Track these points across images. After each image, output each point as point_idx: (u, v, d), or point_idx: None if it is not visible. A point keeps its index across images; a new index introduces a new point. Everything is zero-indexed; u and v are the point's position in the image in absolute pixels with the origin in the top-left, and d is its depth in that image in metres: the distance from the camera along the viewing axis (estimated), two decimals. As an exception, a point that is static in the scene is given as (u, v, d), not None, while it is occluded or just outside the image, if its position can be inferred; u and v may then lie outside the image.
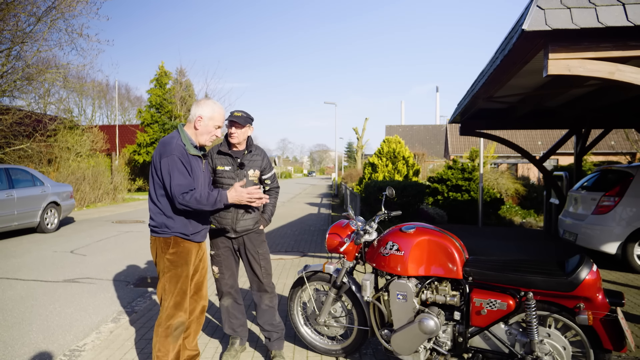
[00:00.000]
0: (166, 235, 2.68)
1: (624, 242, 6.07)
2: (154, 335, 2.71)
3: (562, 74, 3.27)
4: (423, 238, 2.76)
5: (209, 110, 2.74)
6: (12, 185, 9.08)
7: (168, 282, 2.68)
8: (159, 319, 2.71)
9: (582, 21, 3.04)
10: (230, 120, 3.05)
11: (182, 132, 2.74)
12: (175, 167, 2.58)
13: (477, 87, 5.57)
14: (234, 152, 3.14)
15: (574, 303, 2.47)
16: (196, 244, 2.79)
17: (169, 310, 2.67)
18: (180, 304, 2.70)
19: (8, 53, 13.86)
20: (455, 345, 2.77)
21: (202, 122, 2.73)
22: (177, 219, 2.67)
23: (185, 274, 2.71)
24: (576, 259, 2.58)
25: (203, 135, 2.75)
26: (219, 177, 3.11)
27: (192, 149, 2.71)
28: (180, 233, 2.69)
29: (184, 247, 2.71)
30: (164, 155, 2.61)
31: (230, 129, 3.08)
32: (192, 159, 2.70)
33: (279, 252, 7.58)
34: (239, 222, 3.09)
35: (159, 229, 2.69)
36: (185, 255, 2.71)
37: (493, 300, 2.60)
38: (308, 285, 3.28)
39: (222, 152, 3.14)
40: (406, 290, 2.75)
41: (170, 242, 2.68)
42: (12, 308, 4.69)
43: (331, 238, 3.12)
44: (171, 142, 2.66)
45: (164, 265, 2.69)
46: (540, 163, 9.01)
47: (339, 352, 3.28)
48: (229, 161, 3.13)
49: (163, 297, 2.71)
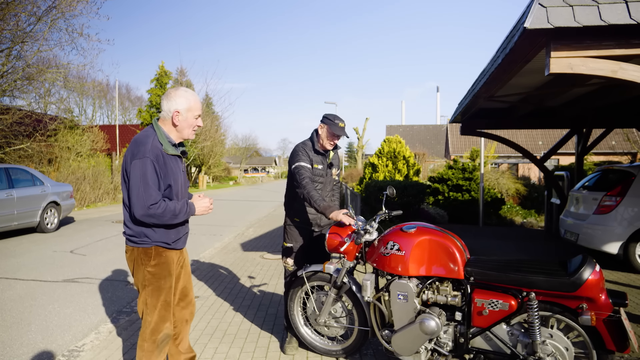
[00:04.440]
0: (146, 246, 2.44)
1: (625, 242, 6.04)
2: (139, 350, 2.50)
3: (564, 72, 3.24)
4: (424, 238, 2.74)
5: (184, 102, 2.46)
6: (12, 185, 9.07)
7: (150, 296, 2.47)
8: (142, 334, 2.50)
9: (584, 19, 3.02)
10: (338, 135, 3.34)
11: (159, 130, 2.47)
12: (147, 173, 2.32)
13: (478, 86, 5.55)
14: (325, 152, 3.49)
15: (576, 303, 2.44)
16: (177, 251, 2.59)
17: (153, 325, 2.48)
18: (165, 317, 2.51)
19: (8, 53, 13.86)
20: (456, 345, 2.74)
21: (180, 117, 2.46)
22: (157, 227, 2.43)
23: (168, 286, 2.50)
24: (579, 259, 2.56)
25: (184, 130, 2.51)
26: (313, 175, 3.38)
27: (171, 149, 2.46)
28: (162, 242, 2.46)
29: (166, 258, 2.49)
30: (136, 157, 2.34)
31: (334, 139, 3.39)
32: (171, 159, 2.47)
33: (279, 252, 7.55)
34: (322, 217, 3.45)
35: (137, 239, 2.44)
36: (168, 266, 2.50)
37: (495, 300, 2.57)
38: (308, 285, 3.26)
39: (317, 152, 3.44)
40: (407, 290, 2.73)
41: (151, 253, 2.45)
42: (11, 308, 4.67)
43: (331, 238, 3.09)
44: (146, 142, 2.39)
45: (144, 278, 2.47)
46: (542, 163, 8.98)
47: (339, 353, 3.25)
48: (321, 160, 3.46)
49: (145, 312, 2.49)
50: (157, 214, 2.34)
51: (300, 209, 3.49)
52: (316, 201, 3.07)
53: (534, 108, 7.90)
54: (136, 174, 2.32)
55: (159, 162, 2.38)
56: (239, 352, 3.47)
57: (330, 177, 3.58)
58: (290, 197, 3.56)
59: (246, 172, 62.22)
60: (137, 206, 2.32)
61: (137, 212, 2.33)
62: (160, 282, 2.48)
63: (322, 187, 3.48)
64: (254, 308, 4.53)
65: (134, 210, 2.34)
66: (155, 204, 2.34)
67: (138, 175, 2.32)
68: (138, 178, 2.32)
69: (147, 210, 2.32)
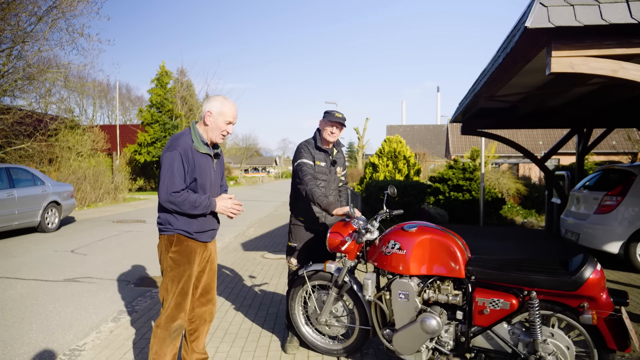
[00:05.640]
0: (169, 233, 2.64)
1: (626, 242, 6.04)
2: (152, 337, 2.66)
3: (565, 71, 3.24)
4: (425, 237, 2.74)
5: (217, 105, 2.67)
6: (12, 185, 9.07)
7: (170, 282, 2.63)
8: (158, 320, 2.66)
9: (585, 18, 3.02)
10: (335, 121, 3.28)
11: (194, 129, 2.70)
12: (174, 163, 2.54)
13: (478, 86, 5.55)
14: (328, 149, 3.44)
15: (577, 302, 2.44)
16: (201, 244, 2.72)
17: (169, 311, 2.62)
18: (181, 305, 2.64)
19: (9, 53, 13.87)
20: (457, 344, 2.74)
21: (211, 118, 2.67)
22: (180, 216, 2.62)
23: (187, 274, 2.64)
24: (580, 258, 2.56)
25: (213, 132, 2.69)
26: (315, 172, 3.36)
27: (202, 147, 2.65)
28: (183, 230, 2.63)
29: (187, 246, 2.64)
30: (168, 150, 2.59)
31: (332, 128, 3.31)
32: (200, 156, 2.64)
33: (280, 251, 7.56)
34: (327, 216, 3.43)
35: (163, 226, 2.66)
36: (188, 254, 2.64)
37: (496, 299, 2.58)
38: (309, 284, 3.26)
39: (320, 148, 3.40)
40: (408, 289, 2.73)
41: (173, 240, 2.64)
42: (12, 307, 4.68)
43: (332, 237, 3.09)
44: (179, 137, 2.64)
45: (166, 264, 2.65)
46: (542, 162, 8.98)
47: (341, 352, 3.25)
48: (324, 157, 3.41)
49: (165, 297, 2.65)
50: (177, 201, 2.54)
51: (305, 208, 3.46)
52: (318, 197, 3.06)
53: (535, 108, 7.90)
54: (165, 164, 2.57)
55: (188, 156, 2.59)
56: (240, 351, 3.47)
57: (335, 175, 3.54)
58: (294, 196, 3.54)
59: (246, 172, 62.24)
60: (162, 191, 2.55)
61: (161, 197, 2.57)
62: (180, 269, 2.63)
63: (326, 185, 3.44)
64: (255, 307, 4.53)
65: (159, 195, 2.57)
66: (177, 192, 2.54)
67: (167, 164, 2.56)
68: (166, 167, 2.56)
69: (168, 196, 2.54)
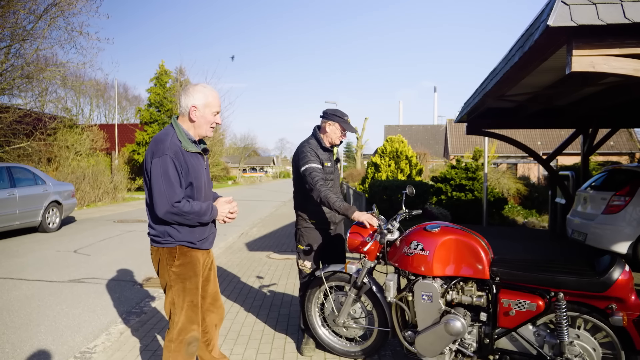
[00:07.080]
0: (170, 245, 2.39)
1: (634, 242, 6.02)
2: (165, 351, 2.45)
3: (586, 70, 3.21)
4: (449, 237, 2.70)
5: (201, 98, 2.40)
6: (13, 184, 8.97)
7: (177, 296, 2.43)
8: (169, 334, 2.45)
9: (608, 17, 2.99)
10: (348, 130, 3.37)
11: (177, 127, 2.42)
12: (168, 170, 2.27)
13: (489, 86, 5.51)
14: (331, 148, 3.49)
15: (605, 304, 2.41)
16: (204, 252, 2.54)
17: (180, 324, 2.43)
18: (192, 319, 2.46)
19: (7, 51, 13.75)
20: (481, 346, 2.71)
21: (197, 112, 2.41)
22: (181, 227, 2.38)
23: (195, 286, 2.46)
24: (607, 259, 2.53)
25: (202, 127, 2.45)
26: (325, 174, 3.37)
27: (191, 146, 2.40)
28: (187, 242, 2.41)
29: (191, 258, 2.43)
30: (156, 155, 2.29)
31: (342, 133, 3.39)
32: (191, 156, 2.40)
33: (285, 251, 7.51)
34: (336, 216, 3.42)
35: (161, 239, 2.40)
36: (193, 265, 2.44)
37: (522, 300, 2.54)
38: (327, 285, 3.21)
39: (325, 149, 3.39)
40: (432, 290, 2.69)
41: (175, 253, 2.40)
42: (19, 309, 4.60)
43: (352, 237, 3.04)
44: (165, 139, 2.33)
45: (170, 279, 2.43)
46: (547, 162, 8.98)
47: (358, 354, 3.21)
48: (328, 157, 3.44)
49: (172, 312, 2.45)
50: (181, 212, 2.30)
51: (315, 210, 3.37)
52: (335, 203, 3.00)
53: (542, 107, 7.88)
54: (157, 172, 2.28)
55: (179, 159, 2.32)
56: (255, 353, 3.42)
57: (337, 172, 3.57)
58: (302, 200, 3.41)
59: (244, 172, 62.09)
60: (160, 204, 2.28)
61: (160, 210, 2.28)
62: (186, 283, 2.43)
63: (333, 184, 3.41)
64: (266, 308, 4.48)
65: (156, 208, 2.30)
66: (179, 201, 2.30)
67: (159, 173, 2.27)
68: (160, 176, 2.27)
69: (171, 207, 2.27)
